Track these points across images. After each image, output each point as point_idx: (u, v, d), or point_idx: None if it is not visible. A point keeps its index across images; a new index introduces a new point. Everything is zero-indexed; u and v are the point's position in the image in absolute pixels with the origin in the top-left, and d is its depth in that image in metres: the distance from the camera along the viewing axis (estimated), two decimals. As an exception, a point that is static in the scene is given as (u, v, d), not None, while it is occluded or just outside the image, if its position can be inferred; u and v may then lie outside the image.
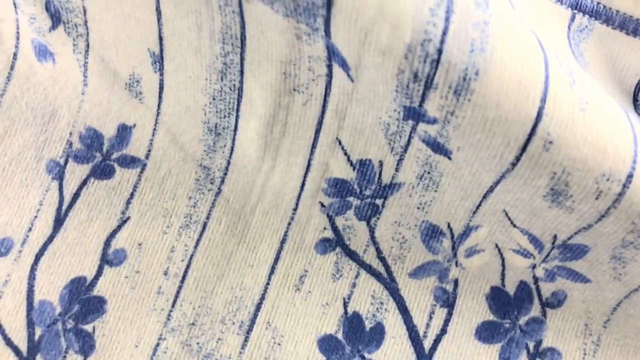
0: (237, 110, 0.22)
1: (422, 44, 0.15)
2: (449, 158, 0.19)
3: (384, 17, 0.15)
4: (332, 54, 0.18)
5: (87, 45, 0.22)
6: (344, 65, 0.18)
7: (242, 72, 0.21)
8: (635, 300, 0.21)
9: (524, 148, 0.16)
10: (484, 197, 0.20)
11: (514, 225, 0.21)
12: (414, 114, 0.18)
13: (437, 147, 0.19)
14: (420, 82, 0.16)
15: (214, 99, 0.22)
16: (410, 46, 0.15)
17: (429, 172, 0.21)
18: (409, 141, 0.21)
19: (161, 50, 0.22)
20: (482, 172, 0.19)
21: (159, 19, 0.21)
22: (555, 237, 0.21)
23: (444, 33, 0.15)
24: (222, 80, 0.21)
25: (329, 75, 0.20)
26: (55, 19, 0.22)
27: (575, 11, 0.20)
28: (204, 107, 0.22)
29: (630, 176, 0.17)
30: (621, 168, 0.17)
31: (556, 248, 0.21)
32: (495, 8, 0.16)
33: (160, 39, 0.21)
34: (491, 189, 0.20)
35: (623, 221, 0.18)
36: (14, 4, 0.22)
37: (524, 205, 0.20)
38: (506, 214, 0.21)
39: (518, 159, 0.17)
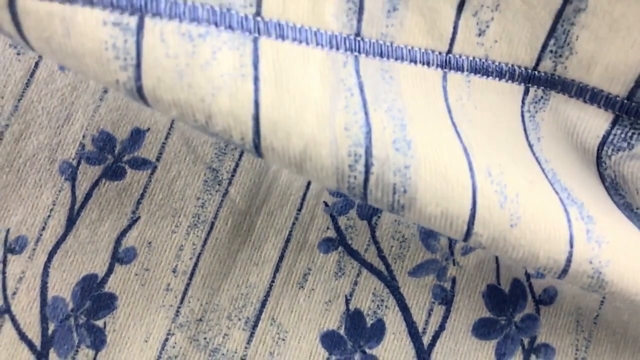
0: None
1: (348, 188, 0.17)
2: None
3: (306, 173, 0.17)
4: None
5: None
6: None
7: None
8: None
9: (464, 240, 0.18)
10: None
11: None
12: None
13: None
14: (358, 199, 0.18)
15: None
16: (339, 187, 0.17)
17: None
18: None
19: None
20: None
21: None
22: None
23: (366, 181, 0.17)
24: None
25: None
26: None
27: (529, 85, 0.21)
28: None
29: (565, 271, 0.18)
30: (554, 266, 0.18)
31: None
32: (418, 147, 0.17)
33: None
34: None
35: (573, 284, 0.19)
36: None
37: None
38: None
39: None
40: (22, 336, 0.24)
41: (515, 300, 0.24)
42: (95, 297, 0.24)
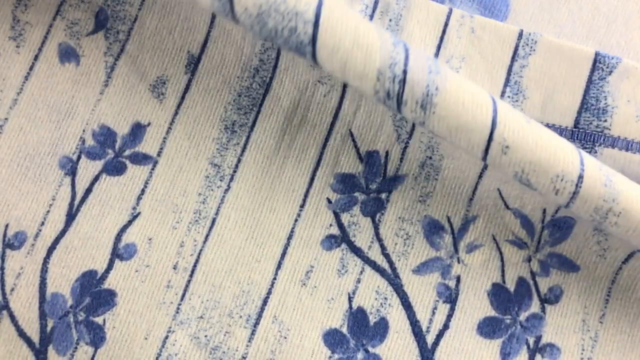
0: (260, 105, 0.25)
1: (390, 67, 0.20)
2: None
3: (358, 47, 0.20)
4: None
5: (122, 50, 0.25)
6: None
7: (275, 67, 0.25)
8: (622, 285, 0.24)
9: (486, 151, 0.21)
10: (480, 176, 0.24)
11: (507, 207, 0.24)
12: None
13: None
14: (392, 100, 0.21)
15: (239, 95, 0.25)
16: (380, 69, 0.20)
17: (430, 157, 0.24)
18: (413, 125, 0.24)
19: (201, 52, 0.25)
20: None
21: (212, 21, 0.25)
22: (544, 211, 0.24)
23: (406, 58, 0.20)
24: (253, 77, 0.25)
25: None
26: (100, 25, 0.26)
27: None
28: (226, 105, 0.25)
29: (580, 177, 0.21)
30: (572, 169, 0.21)
31: (546, 228, 0.24)
32: (447, 71, 0.21)
33: (205, 41, 0.25)
34: (485, 166, 0.24)
35: (583, 213, 0.21)
36: (57, 11, 0.25)
37: (513, 182, 0.24)
38: (500, 194, 0.24)
39: (484, 159, 0.21)
40: (21, 333, 0.24)
41: (521, 299, 0.24)
42: (94, 294, 0.24)
